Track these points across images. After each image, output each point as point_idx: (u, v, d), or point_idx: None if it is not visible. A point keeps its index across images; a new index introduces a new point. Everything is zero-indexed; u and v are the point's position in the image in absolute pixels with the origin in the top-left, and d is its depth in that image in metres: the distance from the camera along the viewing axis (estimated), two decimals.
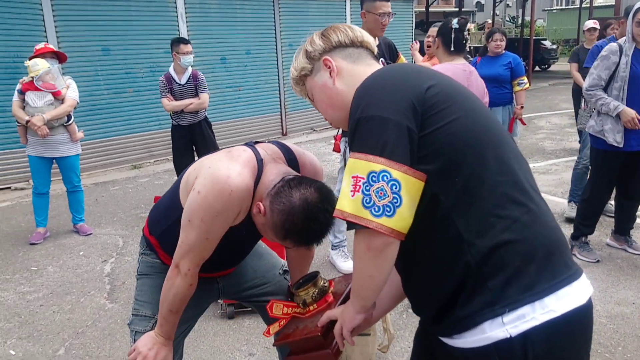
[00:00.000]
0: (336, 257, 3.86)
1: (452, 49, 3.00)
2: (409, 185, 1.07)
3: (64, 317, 3.27)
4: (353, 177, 1.10)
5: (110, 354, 2.86)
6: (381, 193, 1.06)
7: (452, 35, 2.98)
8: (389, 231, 1.07)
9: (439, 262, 1.13)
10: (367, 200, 1.07)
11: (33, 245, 4.48)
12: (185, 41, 4.94)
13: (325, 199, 1.47)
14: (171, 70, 4.97)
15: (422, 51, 5.26)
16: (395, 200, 1.06)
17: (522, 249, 1.08)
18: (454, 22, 3.01)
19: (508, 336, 1.05)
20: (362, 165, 1.09)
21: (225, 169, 1.47)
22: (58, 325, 3.17)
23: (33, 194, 4.59)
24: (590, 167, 3.88)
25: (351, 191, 1.10)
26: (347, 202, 1.10)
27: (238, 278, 1.92)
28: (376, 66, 1.33)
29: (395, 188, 1.06)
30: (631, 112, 3.37)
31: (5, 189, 6.39)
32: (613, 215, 4.10)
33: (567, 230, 4.11)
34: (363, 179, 1.08)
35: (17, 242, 4.59)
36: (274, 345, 1.70)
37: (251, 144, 1.66)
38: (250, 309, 3.15)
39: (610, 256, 3.89)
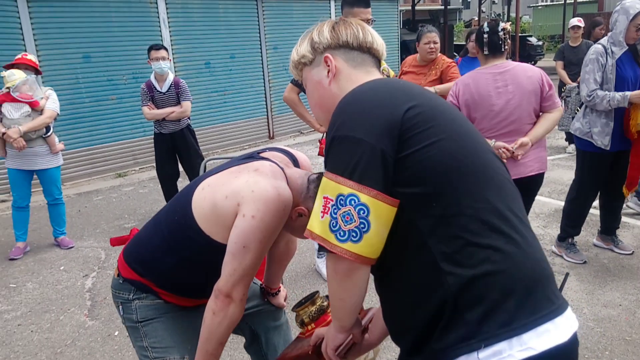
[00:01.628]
0: (322, 265, 3.80)
1: (487, 52, 3.03)
2: (379, 211, 1.03)
3: (42, 337, 3.18)
4: (324, 198, 1.08)
5: None
6: (347, 217, 1.03)
7: (485, 39, 3.01)
8: (354, 257, 1.04)
9: (415, 292, 1.08)
10: (334, 224, 1.05)
11: (12, 261, 4.38)
12: (157, 47, 4.83)
13: None
14: (152, 78, 4.89)
15: (409, 50, 5.19)
16: (362, 226, 1.03)
17: (502, 281, 1.02)
18: (485, 26, 3.06)
19: None
20: (332, 186, 1.06)
21: (272, 188, 1.48)
22: (36, 346, 3.09)
23: (13, 207, 4.49)
24: (576, 168, 3.85)
25: (321, 212, 1.08)
26: (316, 223, 1.08)
27: None
28: (374, 75, 1.28)
29: (363, 213, 1.02)
30: (638, 92, 3.34)
31: None
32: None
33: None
34: (332, 201, 1.06)
35: None
36: None
37: (259, 156, 1.66)
38: None
39: (597, 257, 3.86)
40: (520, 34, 17.68)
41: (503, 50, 3.01)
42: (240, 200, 1.48)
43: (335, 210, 1.04)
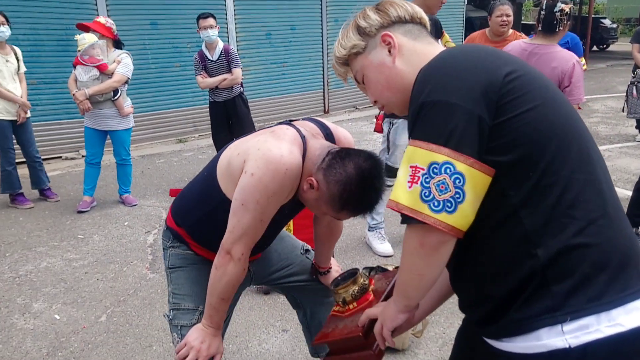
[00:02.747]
0: (372, 238, 3.83)
1: (540, 29, 3.10)
2: (475, 180, 0.98)
3: (107, 285, 3.39)
4: (412, 167, 1.01)
5: (150, 323, 2.96)
6: (442, 187, 0.98)
7: (542, 16, 3.06)
8: (448, 228, 0.98)
9: (500, 262, 1.05)
10: (426, 194, 0.98)
11: (80, 214, 4.65)
12: (204, 15, 4.90)
13: (377, 165, 1.48)
14: (203, 47, 5.01)
15: (474, 28, 5.07)
16: (457, 196, 0.98)
17: (594, 255, 0.98)
18: (544, 3, 3.09)
19: (567, 346, 0.96)
20: (423, 154, 1.00)
21: (276, 149, 1.47)
22: (101, 293, 3.30)
23: (85, 163, 4.75)
24: None
25: (409, 182, 1.01)
26: (403, 194, 1.02)
27: (266, 262, 1.94)
28: (438, 46, 1.22)
29: (459, 182, 0.97)
30: None
31: (57, 158, 6.64)
32: None
33: None
34: (423, 169, 0.99)
35: (66, 211, 4.77)
36: (312, 344, 1.66)
37: (288, 122, 1.65)
38: None
39: None
40: (593, 16, 16.75)
41: (557, 30, 3.02)
42: (247, 157, 1.50)
43: (428, 180, 0.99)
